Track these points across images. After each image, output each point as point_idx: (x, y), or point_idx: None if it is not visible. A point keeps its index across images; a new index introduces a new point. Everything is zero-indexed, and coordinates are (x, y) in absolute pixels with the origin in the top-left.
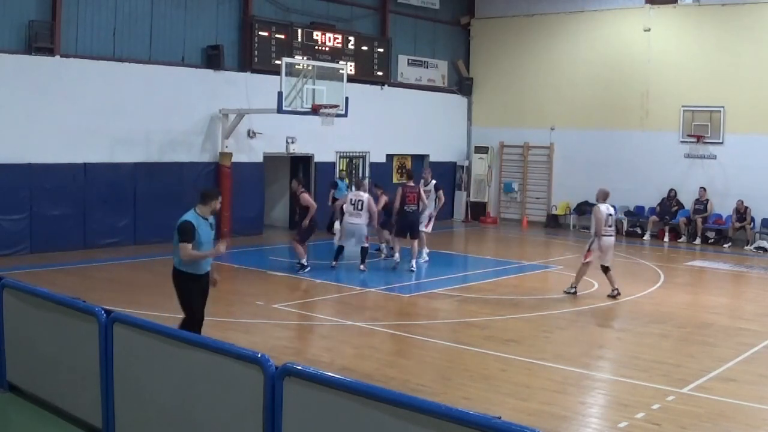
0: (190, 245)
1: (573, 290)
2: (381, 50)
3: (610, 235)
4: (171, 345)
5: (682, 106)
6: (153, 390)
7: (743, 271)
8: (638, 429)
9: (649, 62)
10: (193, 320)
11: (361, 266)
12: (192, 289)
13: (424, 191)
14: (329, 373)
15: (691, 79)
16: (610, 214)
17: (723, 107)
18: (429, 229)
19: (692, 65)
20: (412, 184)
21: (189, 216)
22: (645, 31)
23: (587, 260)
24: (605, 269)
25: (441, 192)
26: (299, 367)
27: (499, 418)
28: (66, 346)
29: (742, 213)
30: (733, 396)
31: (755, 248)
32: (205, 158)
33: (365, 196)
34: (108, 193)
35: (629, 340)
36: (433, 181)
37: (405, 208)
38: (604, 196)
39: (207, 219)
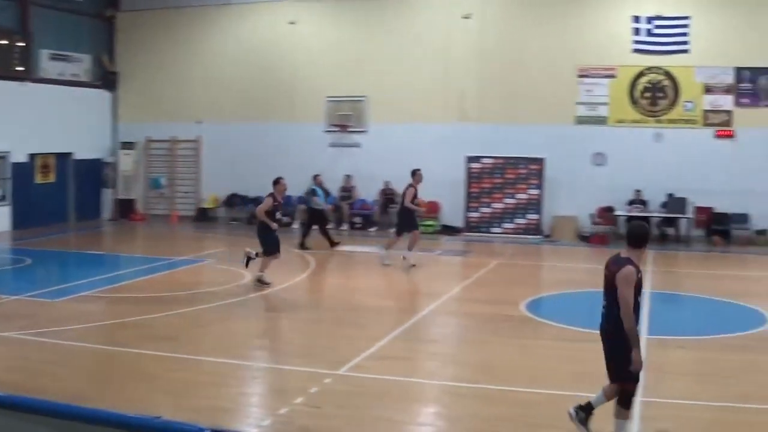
0: None
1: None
2: (22, 44)
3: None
4: None
5: (327, 97)
6: None
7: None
8: (298, 414)
9: (294, 55)
10: None
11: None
12: None
13: None
14: None
15: (335, 70)
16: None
17: (366, 97)
18: None
19: (336, 57)
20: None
21: None
22: (290, 24)
23: None
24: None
25: None
26: None
27: (159, 417)
28: None
29: (388, 195)
30: (388, 372)
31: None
32: None
33: None
34: None
35: (283, 328)
36: None
37: None
38: None
39: None
